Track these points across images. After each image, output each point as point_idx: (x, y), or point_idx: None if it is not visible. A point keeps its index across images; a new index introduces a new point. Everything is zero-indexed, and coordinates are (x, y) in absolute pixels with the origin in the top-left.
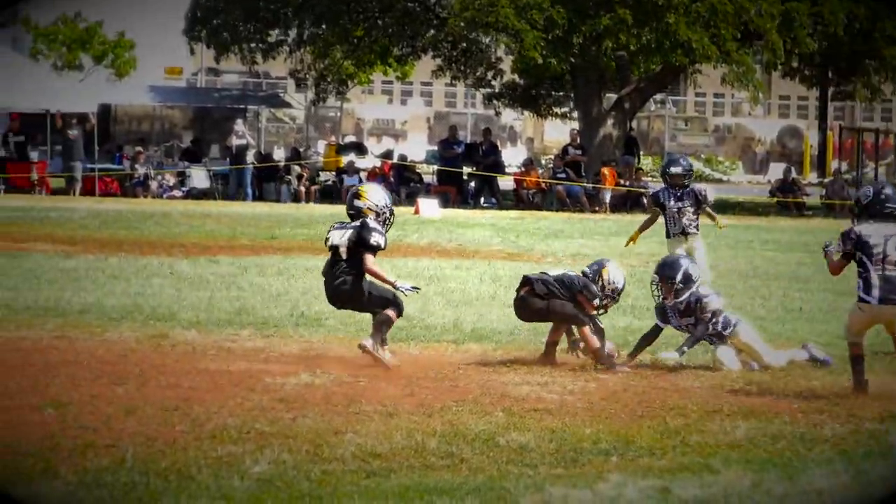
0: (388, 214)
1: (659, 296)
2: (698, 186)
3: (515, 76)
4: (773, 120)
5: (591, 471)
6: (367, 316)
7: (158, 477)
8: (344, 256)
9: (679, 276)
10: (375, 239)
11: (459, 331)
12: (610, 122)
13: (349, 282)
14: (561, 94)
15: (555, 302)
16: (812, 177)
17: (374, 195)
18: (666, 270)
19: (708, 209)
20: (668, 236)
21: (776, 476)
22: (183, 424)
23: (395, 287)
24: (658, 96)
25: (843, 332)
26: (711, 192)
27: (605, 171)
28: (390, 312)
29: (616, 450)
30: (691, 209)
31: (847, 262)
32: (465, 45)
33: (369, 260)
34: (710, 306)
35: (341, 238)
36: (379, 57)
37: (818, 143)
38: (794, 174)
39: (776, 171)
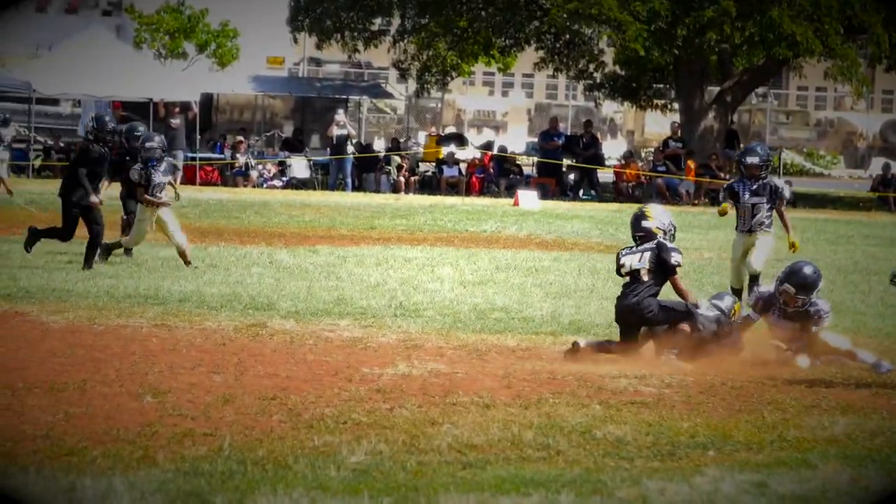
0: (673, 231)
1: (780, 297)
2: (776, 181)
3: (617, 67)
4: (876, 114)
5: (687, 464)
6: (464, 308)
7: (255, 466)
8: (646, 279)
9: (814, 294)
10: (676, 258)
11: (557, 323)
12: (711, 115)
13: (649, 301)
14: (662, 86)
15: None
16: None
17: (660, 215)
18: (807, 284)
19: (784, 213)
20: (737, 229)
21: (875, 472)
22: (280, 414)
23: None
24: (760, 89)
25: None
26: (788, 190)
27: (690, 162)
28: (685, 326)
29: (713, 444)
30: (766, 205)
31: None
32: (567, 36)
33: (679, 281)
34: (823, 321)
35: (640, 262)
36: (482, 48)
37: None
38: (894, 168)
39: (878, 165)
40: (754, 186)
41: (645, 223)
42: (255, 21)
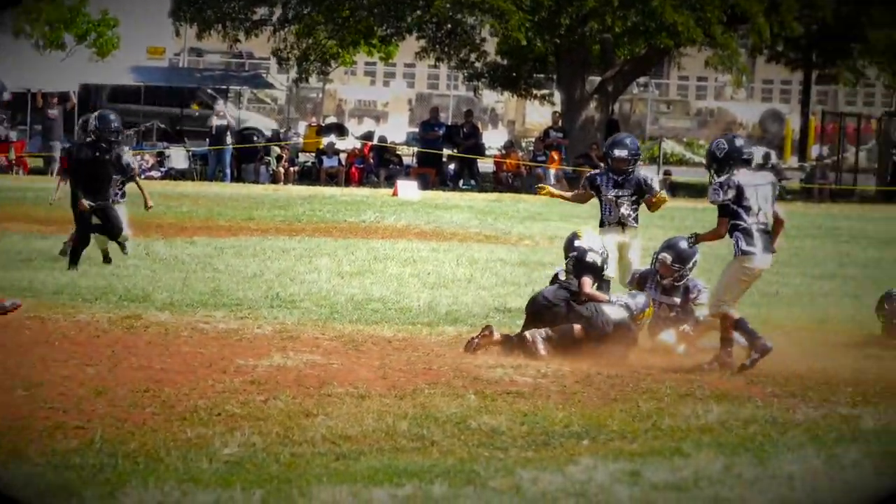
0: (605, 257)
1: (657, 271)
2: (643, 173)
3: (498, 57)
4: (756, 104)
5: (562, 454)
6: (341, 299)
7: (127, 459)
8: (562, 277)
9: (689, 264)
10: (592, 257)
11: (434, 313)
12: (592, 105)
13: (558, 293)
14: (543, 75)
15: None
16: (793, 161)
17: (591, 238)
18: (682, 255)
19: (653, 207)
20: (602, 224)
21: (748, 460)
22: (153, 406)
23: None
24: (641, 79)
25: (714, 300)
26: (658, 181)
27: (554, 153)
28: (577, 327)
29: (588, 433)
30: (631, 199)
31: (729, 216)
32: (449, 26)
33: (586, 284)
34: (701, 296)
35: (562, 268)
36: (363, 37)
37: (800, 128)
38: (774, 158)
39: (758, 155)
40: (619, 179)
41: (577, 242)
42: (135, 11)
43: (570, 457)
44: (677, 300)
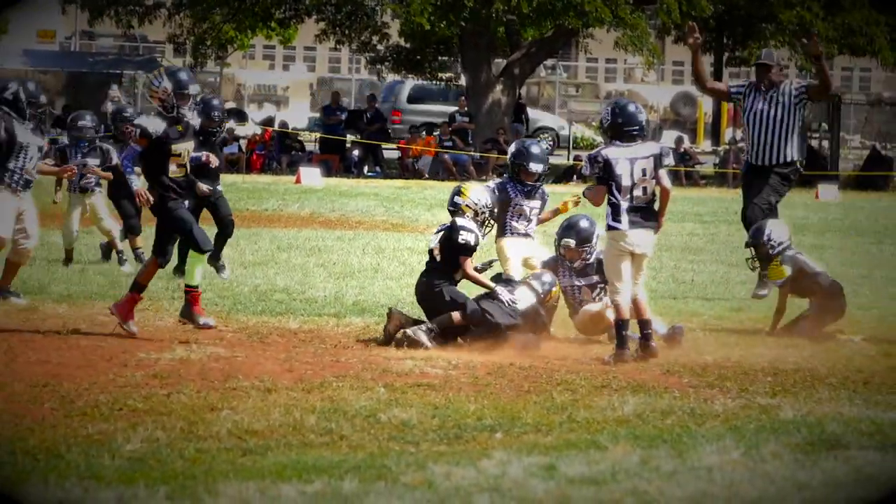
0: (487, 215)
1: (563, 257)
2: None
3: (402, 40)
4: (667, 86)
5: (474, 448)
6: (245, 289)
7: (26, 455)
8: (438, 258)
9: (594, 241)
10: (464, 237)
11: (341, 304)
12: (499, 88)
13: (438, 283)
14: (448, 58)
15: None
16: (706, 145)
17: (476, 194)
18: (583, 234)
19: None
20: (505, 234)
21: (665, 452)
22: (52, 401)
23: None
24: (548, 62)
25: (609, 287)
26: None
27: (429, 139)
28: (455, 314)
29: (501, 426)
30: (538, 211)
31: (605, 186)
32: (349, 8)
33: (467, 265)
34: None
35: (436, 241)
36: (261, 20)
37: (712, 111)
38: (686, 143)
39: (669, 139)
40: (528, 189)
41: (457, 199)
42: None
43: (484, 450)
44: (596, 278)
